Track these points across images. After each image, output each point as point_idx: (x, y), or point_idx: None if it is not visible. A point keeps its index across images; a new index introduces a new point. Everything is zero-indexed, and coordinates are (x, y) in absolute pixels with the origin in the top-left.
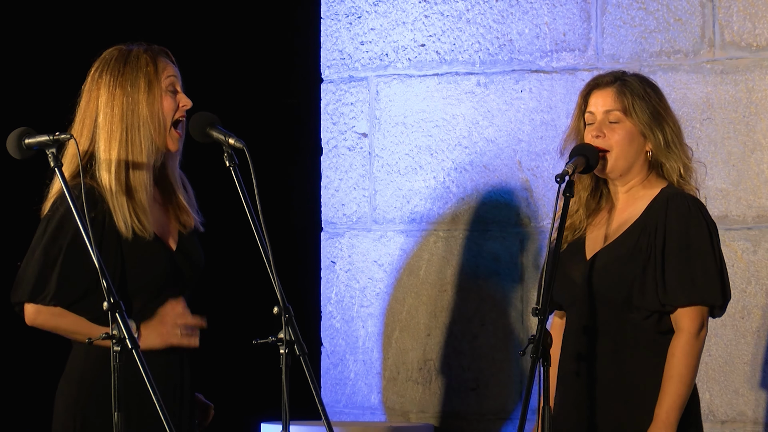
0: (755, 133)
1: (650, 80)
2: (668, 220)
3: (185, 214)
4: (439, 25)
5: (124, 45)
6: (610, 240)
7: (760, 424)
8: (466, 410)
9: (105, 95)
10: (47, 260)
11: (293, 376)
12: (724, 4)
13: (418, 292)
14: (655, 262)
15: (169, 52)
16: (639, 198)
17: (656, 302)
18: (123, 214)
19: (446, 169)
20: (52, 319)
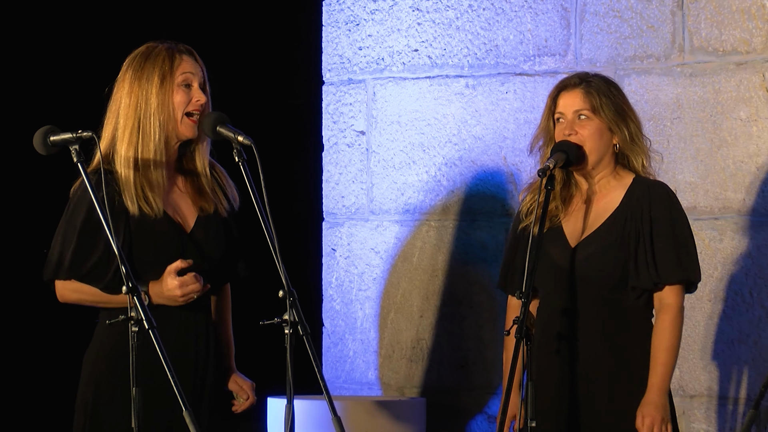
0: (721, 131)
1: (612, 80)
2: (653, 207)
3: (205, 198)
4: (430, 32)
5: (153, 42)
6: (593, 227)
7: (725, 398)
8: (455, 385)
9: (126, 88)
10: (65, 240)
11: (297, 354)
12: (693, 12)
13: (411, 277)
14: (645, 245)
15: (194, 51)
16: (612, 188)
17: (650, 281)
18: (129, 192)
19: (437, 164)
20: (74, 293)
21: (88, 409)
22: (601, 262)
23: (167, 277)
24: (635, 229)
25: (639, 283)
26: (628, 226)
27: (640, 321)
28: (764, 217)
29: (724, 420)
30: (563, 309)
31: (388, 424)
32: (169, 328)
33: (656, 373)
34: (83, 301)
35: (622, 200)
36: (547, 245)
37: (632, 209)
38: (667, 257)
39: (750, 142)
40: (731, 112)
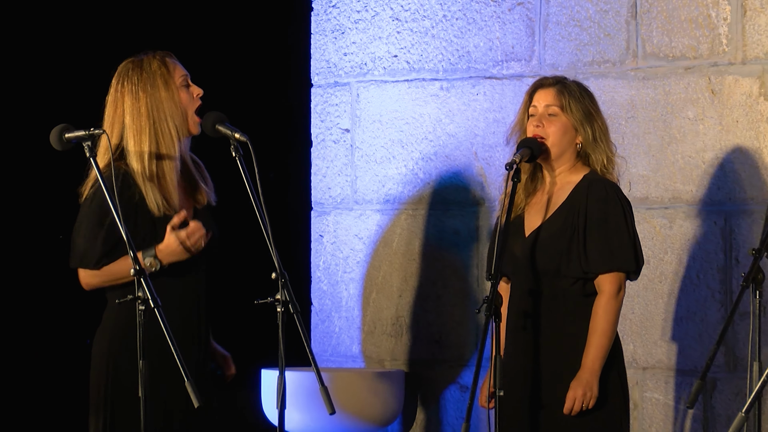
0: (671, 129)
1: (586, 87)
2: (588, 201)
3: (199, 192)
4: (408, 39)
5: (134, 57)
6: (545, 220)
7: (672, 370)
8: (431, 358)
9: (130, 100)
10: (92, 233)
11: (288, 330)
12: (646, 22)
13: (391, 260)
14: (578, 237)
15: (172, 53)
16: (566, 183)
17: (580, 270)
18: (154, 197)
19: (415, 158)
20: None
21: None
22: (545, 251)
23: (171, 234)
24: (572, 223)
25: (569, 272)
26: (569, 219)
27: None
28: (709, 207)
29: (673, 389)
30: (529, 290)
31: (371, 393)
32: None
33: (587, 354)
34: (106, 283)
35: (569, 195)
36: (513, 231)
37: (574, 204)
38: (597, 250)
39: (697, 139)
40: (680, 111)
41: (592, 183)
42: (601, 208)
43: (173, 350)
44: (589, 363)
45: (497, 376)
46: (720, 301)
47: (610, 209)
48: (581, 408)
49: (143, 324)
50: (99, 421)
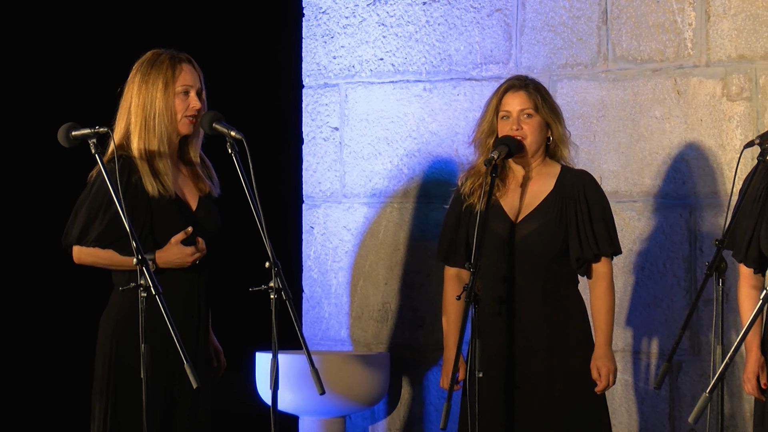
0: (639, 127)
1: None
2: (587, 191)
3: (202, 182)
4: (394, 43)
5: (159, 49)
6: (531, 207)
7: (641, 353)
8: (414, 342)
9: (135, 89)
10: (91, 214)
11: (281, 316)
12: (616, 27)
13: (377, 250)
14: (584, 224)
15: (193, 60)
16: (544, 174)
17: (591, 253)
18: (149, 179)
19: (400, 155)
20: (90, 257)
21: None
22: (543, 237)
23: (174, 246)
24: (573, 210)
25: (583, 255)
26: (566, 207)
27: (569, 286)
28: (675, 200)
29: (640, 371)
30: (504, 276)
31: (358, 374)
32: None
33: (601, 332)
34: (97, 263)
35: (555, 185)
36: (490, 220)
37: (567, 193)
38: (603, 234)
39: (663, 136)
40: (648, 111)
41: (580, 173)
42: (598, 195)
43: (173, 334)
44: (605, 339)
45: (476, 358)
46: (685, 289)
47: (604, 197)
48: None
49: (145, 310)
50: (103, 399)
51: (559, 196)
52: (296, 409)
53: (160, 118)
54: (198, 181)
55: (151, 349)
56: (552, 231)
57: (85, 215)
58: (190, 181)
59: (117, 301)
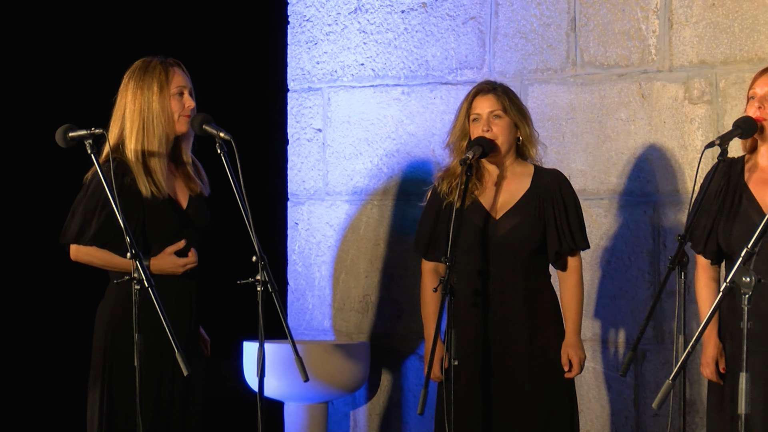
0: (606, 129)
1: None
2: (563, 190)
3: (192, 182)
4: (374, 49)
5: (148, 57)
6: (510, 204)
7: (607, 342)
8: (393, 332)
9: (130, 95)
10: (87, 213)
11: (267, 307)
12: (584, 34)
13: (358, 245)
14: (562, 220)
15: (182, 63)
16: (518, 174)
17: (568, 247)
18: (143, 180)
19: (379, 155)
20: (87, 256)
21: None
22: (523, 233)
23: (168, 256)
24: (551, 207)
25: (561, 249)
26: (543, 204)
27: (544, 279)
28: (639, 198)
29: (607, 359)
30: (480, 270)
31: (340, 362)
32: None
33: (572, 321)
34: (93, 263)
35: (531, 184)
36: (469, 217)
37: (543, 191)
38: (577, 230)
39: (629, 137)
40: (614, 113)
41: (554, 173)
42: (572, 193)
43: (165, 325)
44: (575, 329)
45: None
46: (649, 281)
47: (575, 195)
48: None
49: (138, 302)
50: (98, 386)
51: (536, 194)
52: (281, 395)
53: (158, 120)
54: (189, 181)
55: (144, 339)
56: (531, 226)
57: (82, 215)
58: (182, 181)
59: (112, 293)
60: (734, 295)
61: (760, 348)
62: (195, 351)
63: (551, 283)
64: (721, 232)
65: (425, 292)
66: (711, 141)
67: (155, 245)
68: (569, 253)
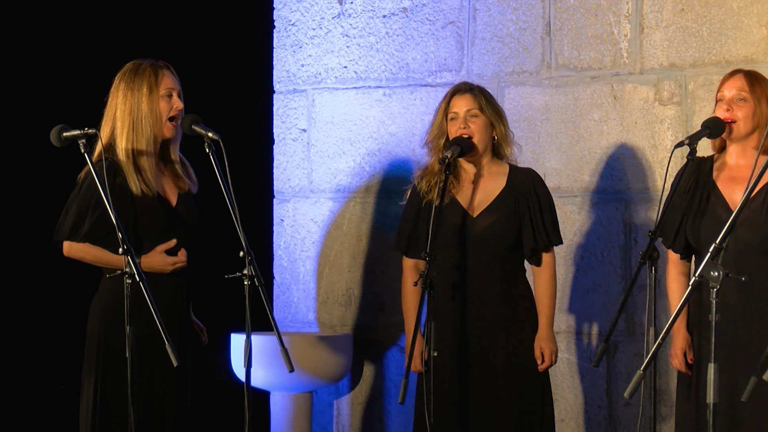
0: (579, 129)
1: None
2: (537, 189)
3: (181, 180)
4: (356, 53)
5: (138, 60)
6: (487, 202)
7: (581, 334)
8: (375, 324)
9: (120, 97)
10: (81, 211)
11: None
12: (558, 38)
13: (342, 241)
14: (536, 217)
15: (171, 66)
16: (494, 172)
17: (543, 243)
18: (133, 179)
19: (362, 154)
20: (80, 252)
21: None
22: (499, 230)
23: (158, 254)
24: (526, 205)
25: (536, 245)
26: (519, 202)
27: (519, 273)
28: (611, 195)
29: (580, 350)
30: (458, 265)
31: (324, 353)
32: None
33: (545, 315)
34: (85, 259)
35: (507, 182)
36: (447, 215)
37: (518, 189)
38: (551, 227)
39: (601, 137)
40: (587, 114)
41: (528, 171)
42: (546, 191)
43: (156, 318)
44: (548, 322)
45: (432, 339)
46: (621, 276)
47: (549, 193)
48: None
49: (130, 295)
50: (92, 376)
51: (511, 193)
52: (268, 385)
53: (147, 120)
54: (177, 179)
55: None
56: (507, 224)
57: (76, 213)
58: (170, 179)
59: (105, 287)
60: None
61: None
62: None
63: (526, 278)
64: (690, 228)
65: (406, 287)
66: (680, 141)
67: (146, 242)
68: (543, 249)
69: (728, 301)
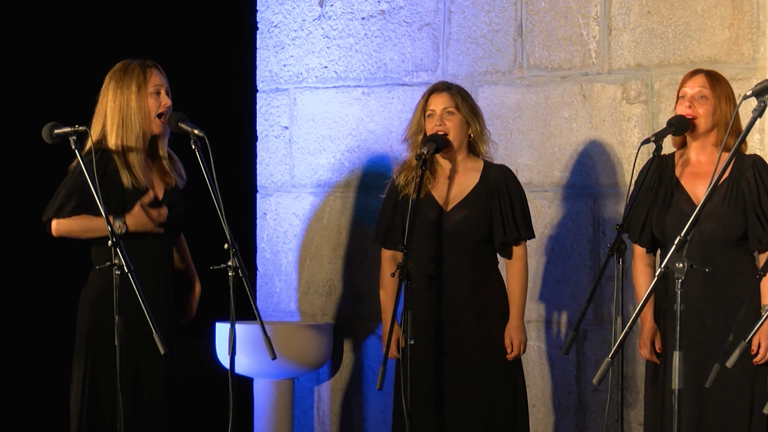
0: (550, 127)
1: (465, 90)
2: (509, 185)
3: (168, 176)
4: (336, 53)
5: (128, 59)
6: (460, 197)
7: (551, 323)
8: (354, 313)
9: (111, 95)
10: (69, 193)
11: (237, 291)
12: (529, 39)
13: (322, 234)
14: (508, 212)
15: (159, 65)
16: (469, 168)
17: (513, 237)
18: (124, 173)
19: (341, 151)
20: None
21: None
22: (471, 224)
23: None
24: (497, 200)
25: (506, 239)
26: (491, 198)
27: (492, 266)
28: (581, 190)
29: (551, 339)
30: (433, 257)
31: (305, 341)
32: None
33: (515, 306)
34: (73, 232)
35: (480, 178)
36: (423, 208)
37: (491, 185)
38: (522, 221)
39: (571, 135)
40: (557, 112)
41: (501, 168)
42: (518, 187)
43: (143, 307)
44: (518, 312)
45: (409, 327)
46: (590, 267)
47: (521, 189)
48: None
49: (119, 286)
50: (81, 364)
51: (484, 188)
52: (251, 372)
53: (136, 117)
54: (164, 175)
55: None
56: (478, 218)
57: (64, 195)
58: (158, 175)
59: (95, 278)
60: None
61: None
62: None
63: (499, 270)
64: (656, 222)
65: (384, 278)
66: (647, 138)
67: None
68: (514, 242)
69: (694, 291)
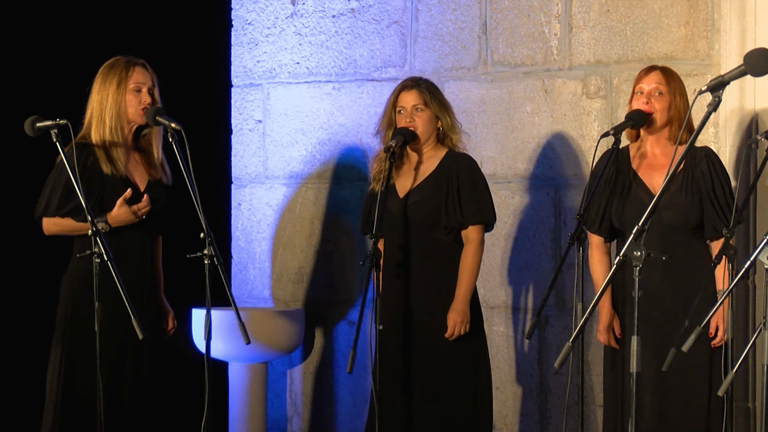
0: (513, 120)
1: (434, 84)
2: (459, 170)
3: (153, 169)
4: (308, 50)
5: (119, 56)
6: (416, 184)
7: (516, 309)
8: (325, 299)
9: (96, 89)
10: (53, 190)
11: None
12: (494, 36)
13: (294, 223)
14: (453, 196)
15: (146, 63)
16: (431, 157)
17: (456, 222)
18: (103, 161)
19: (313, 143)
20: (55, 226)
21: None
22: (421, 209)
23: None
24: (446, 185)
25: (448, 223)
26: (441, 183)
27: (450, 252)
28: (542, 182)
29: (515, 324)
30: (400, 245)
31: (278, 327)
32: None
33: (461, 288)
34: (62, 231)
35: (437, 166)
36: (390, 197)
37: (444, 172)
38: (468, 205)
39: (533, 128)
40: (520, 107)
41: (459, 155)
42: (470, 173)
43: (122, 294)
44: (462, 295)
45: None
46: (551, 255)
47: (476, 175)
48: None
49: (99, 273)
50: (59, 349)
51: (438, 174)
52: (226, 356)
53: (110, 112)
54: (150, 168)
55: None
56: (428, 203)
57: (48, 192)
58: (143, 167)
59: (75, 266)
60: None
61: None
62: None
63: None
64: (615, 212)
65: None
66: (606, 131)
67: None
68: (459, 227)
69: (655, 279)
